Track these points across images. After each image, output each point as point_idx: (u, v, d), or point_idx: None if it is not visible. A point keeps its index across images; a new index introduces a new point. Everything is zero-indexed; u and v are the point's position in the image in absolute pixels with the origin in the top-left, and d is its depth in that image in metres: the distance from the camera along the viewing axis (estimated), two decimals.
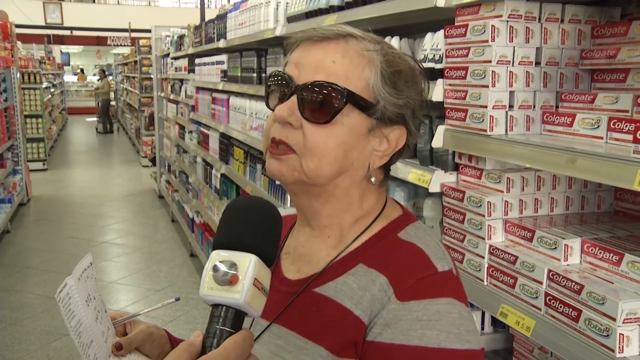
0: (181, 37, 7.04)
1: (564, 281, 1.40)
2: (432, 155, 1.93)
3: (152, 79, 10.29)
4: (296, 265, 1.04)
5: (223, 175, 4.77)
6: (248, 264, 0.78)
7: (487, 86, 1.60)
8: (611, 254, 1.41)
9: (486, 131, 1.61)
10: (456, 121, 1.73)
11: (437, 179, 1.83)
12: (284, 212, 1.12)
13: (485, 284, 1.67)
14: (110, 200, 9.07)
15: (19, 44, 10.95)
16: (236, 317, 0.78)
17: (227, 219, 0.84)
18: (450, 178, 1.85)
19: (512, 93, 1.62)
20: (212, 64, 5.07)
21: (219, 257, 0.79)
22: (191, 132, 6.23)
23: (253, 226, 0.82)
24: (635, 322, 1.26)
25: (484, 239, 1.66)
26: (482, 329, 1.92)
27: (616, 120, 1.37)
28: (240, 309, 0.78)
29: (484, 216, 1.65)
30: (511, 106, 1.63)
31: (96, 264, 0.98)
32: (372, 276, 0.92)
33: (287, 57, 0.99)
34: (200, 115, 5.63)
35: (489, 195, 1.67)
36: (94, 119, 20.46)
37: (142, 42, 12.54)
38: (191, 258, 6.19)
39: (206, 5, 9.70)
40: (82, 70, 28.72)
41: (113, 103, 21.18)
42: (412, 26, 2.38)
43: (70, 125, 21.46)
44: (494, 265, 1.64)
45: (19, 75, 9.02)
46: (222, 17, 4.78)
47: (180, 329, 4.48)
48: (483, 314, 1.89)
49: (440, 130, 1.78)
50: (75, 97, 25.97)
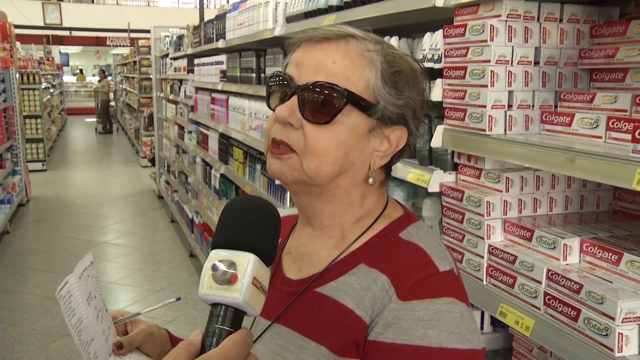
0: (180, 37, 7.04)
1: (563, 281, 1.40)
2: (431, 155, 1.93)
3: (151, 79, 10.29)
4: (297, 265, 1.04)
5: (222, 176, 4.77)
6: (247, 263, 0.78)
7: (486, 86, 1.60)
8: (610, 254, 1.41)
9: (485, 131, 1.61)
10: (455, 121, 1.73)
11: (436, 179, 1.83)
12: (284, 212, 1.13)
13: (485, 283, 1.67)
14: (110, 201, 9.07)
15: (18, 44, 10.95)
16: (235, 316, 0.78)
17: (226, 218, 0.84)
18: (449, 178, 1.85)
19: (511, 93, 1.62)
20: (211, 64, 5.07)
21: (218, 257, 0.79)
22: (190, 132, 6.23)
23: (252, 226, 0.82)
24: (634, 321, 1.26)
25: (483, 238, 1.66)
26: (482, 328, 1.92)
27: (615, 120, 1.37)
28: (240, 308, 0.78)
29: (483, 216, 1.66)
30: (510, 106, 1.63)
31: (96, 264, 0.98)
32: (374, 276, 0.92)
33: (288, 57, 0.99)
34: (199, 115, 5.63)
35: (488, 195, 1.67)
36: (93, 119, 20.46)
37: (141, 42, 12.53)
38: (191, 258, 6.19)
39: (205, 6, 9.69)
40: (81, 71, 28.69)
41: (112, 103, 21.17)
42: (411, 26, 2.38)
43: (69, 125, 21.45)
44: (493, 265, 1.64)
45: (18, 75, 9.01)
46: (221, 18, 4.78)
47: (180, 329, 4.48)
48: (482, 313, 1.89)
49: (439, 130, 1.78)
50: (75, 97, 25.94)
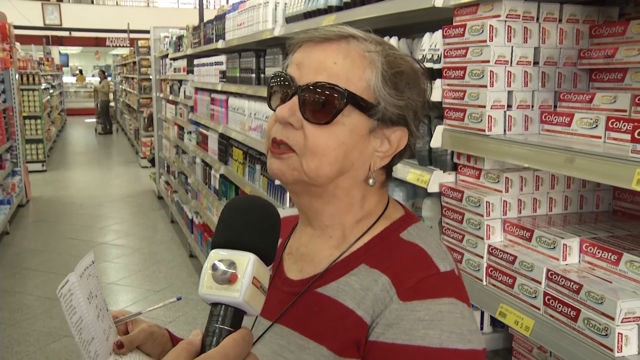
0: (180, 37, 7.04)
1: (562, 281, 1.41)
2: (430, 155, 1.93)
3: (150, 79, 10.29)
4: (298, 265, 1.04)
5: (222, 176, 4.77)
6: (247, 263, 0.78)
7: (486, 86, 1.60)
8: (610, 254, 1.41)
9: (485, 131, 1.61)
10: (455, 121, 1.73)
11: (435, 179, 1.83)
12: (285, 212, 1.13)
13: (484, 283, 1.67)
14: (109, 201, 9.06)
15: (17, 45, 10.95)
16: (235, 316, 0.78)
17: (226, 218, 0.85)
18: (449, 178, 1.86)
19: (510, 93, 1.62)
20: (211, 64, 5.07)
21: (217, 256, 0.79)
22: (190, 132, 6.23)
23: (251, 225, 0.83)
24: (633, 321, 1.26)
25: (482, 238, 1.67)
26: (481, 328, 1.93)
27: (614, 120, 1.37)
28: (240, 307, 0.78)
29: (482, 216, 1.66)
30: (509, 106, 1.63)
31: (95, 265, 0.98)
32: (375, 276, 0.92)
33: (289, 57, 1.00)
34: (199, 115, 5.63)
35: (487, 195, 1.67)
36: (93, 120, 20.46)
37: (140, 43, 12.53)
38: (190, 259, 6.19)
39: (205, 6, 9.70)
40: (81, 71, 28.69)
41: (112, 104, 21.17)
42: (411, 26, 2.38)
43: (69, 126, 21.45)
44: (493, 265, 1.64)
45: (17, 76, 9.01)
46: (220, 18, 4.78)
47: (179, 329, 4.48)
48: (482, 313, 1.89)
49: (439, 130, 1.78)
50: (74, 98, 25.94)
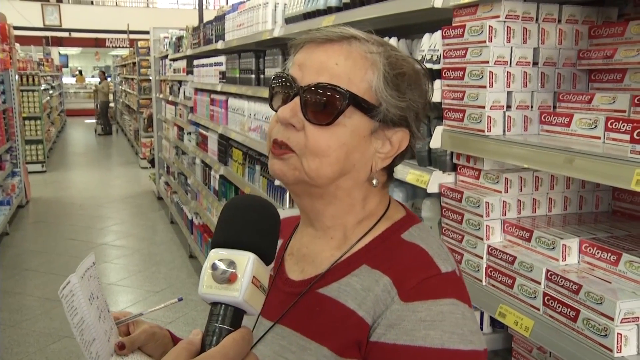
0: (179, 38, 7.04)
1: (562, 281, 1.41)
2: (430, 155, 1.93)
3: (150, 80, 10.29)
4: (300, 265, 1.04)
5: (222, 177, 4.77)
6: (246, 262, 0.78)
7: (485, 87, 1.60)
8: (609, 254, 1.41)
9: (484, 131, 1.61)
10: (454, 122, 1.73)
11: (435, 180, 1.83)
12: (286, 213, 1.13)
13: (484, 284, 1.67)
14: (109, 202, 9.06)
15: (17, 45, 10.94)
16: (235, 315, 0.78)
17: (226, 217, 0.85)
18: (448, 178, 1.86)
19: (509, 93, 1.63)
20: (211, 65, 5.07)
21: (217, 256, 0.79)
22: (190, 133, 6.23)
23: (251, 225, 0.83)
24: (633, 321, 1.26)
25: (482, 239, 1.67)
26: (481, 329, 1.92)
27: (613, 120, 1.37)
28: (239, 307, 0.78)
29: (482, 216, 1.66)
30: (509, 106, 1.63)
31: (95, 265, 0.99)
32: (376, 277, 0.92)
33: (290, 58, 1.00)
34: (198, 116, 5.63)
35: (487, 195, 1.67)
36: (93, 120, 20.45)
37: (140, 43, 12.54)
38: (190, 259, 6.18)
39: (204, 7, 9.70)
40: (81, 72, 28.70)
41: (112, 105, 21.17)
42: (410, 27, 2.38)
43: (68, 127, 21.44)
44: (493, 266, 1.64)
45: (17, 77, 9.01)
46: (220, 19, 4.79)
47: (179, 330, 4.47)
48: (482, 314, 1.89)
49: (438, 131, 1.78)
50: (74, 98, 25.92)
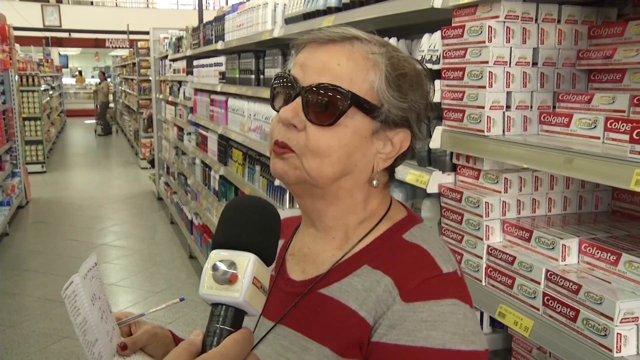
0: (179, 39, 7.04)
1: (561, 281, 1.41)
2: (430, 156, 1.93)
3: (150, 80, 10.29)
4: (301, 266, 1.04)
5: (222, 177, 4.77)
6: (247, 263, 0.78)
7: (485, 87, 1.60)
8: (609, 254, 1.41)
9: (484, 132, 1.61)
10: (454, 122, 1.73)
11: (435, 180, 1.83)
12: (288, 213, 1.13)
13: (484, 284, 1.67)
14: (109, 203, 9.06)
15: (17, 46, 10.94)
16: (236, 316, 0.78)
17: (226, 218, 0.85)
18: (448, 179, 1.86)
19: (509, 94, 1.63)
20: (210, 65, 5.07)
21: (218, 257, 0.80)
22: (190, 133, 6.23)
23: (252, 225, 0.83)
24: (632, 321, 1.26)
25: (482, 239, 1.67)
26: (481, 329, 1.92)
27: (613, 121, 1.37)
28: (240, 307, 0.78)
29: (481, 217, 1.66)
30: (508, 107, 1.63)
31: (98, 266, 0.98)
32: (377, 277, 0.92)
33: (292, 58, 1.00)
34: (198, 117, 5.64)
35: (486, 195, 1.67)
36: (93, 121, 20.45)
37: (140, 44, 12.53)
38: (190, 260, 6.19)
39: (204, 7, 9.70)
40: (81, 73, 28.70)
41: (112, 105, 21.16)
42: (410, 27, 2.38)
43: (68, 127, 21.44)
44: (492, 266, 1.65)
45: (17, 77, 9.01)
46: (220, 19, 4.79)
47: (179, 330, 4.45)
48: (482, 314, 1.89)
49: (438, 131, 1.79)
50: (74, 99, 25.91)
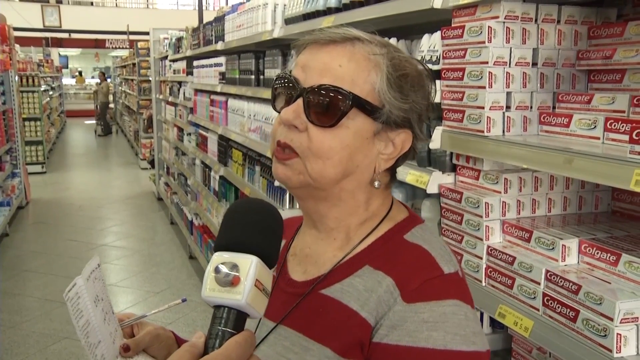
0: (179, 39, 7.04)
1: (561, 281, 1.41)
2: (429, 156, 1.94)
3: (150, 81, 10.29)
4: (302, 266, 1.04)
5: (222, 177, 4.77)
6: (249, 265, 0.78)
7: (484, 87, 1.60)
8: (609, 254, 1.41)
9: (483, 132, 1.61)
10: (453, 122, 1.73)
11: (434, 180, 1.83)
12: (289, 213, 1.13)
13: (484, 284, 1.67)
14: (109, 203, 9.06)
15: (17, 47, 10.95)
16: (238, 318, 0.78)
17: (229, 221, 0.85)
18: (448, 179, 1.86)
19: (509, 94, 1.63)
20: (210, 66, 5.08)
21: (220, 259, 0.80)
22: (190, 134, 6.23)
23: (254, 228, 0.83)
24: (632, 322, 1.26)
25: (481, 239, 1.67)
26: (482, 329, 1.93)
27: (613, 121, 1.37)
28: (242, 310, 0.78)
29: (481, 217, 1.66)
30: (508, 107, 1.63)
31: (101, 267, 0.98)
32: (378, 278, 0.92)
33: (293, 59, 1.00)
34: (198, 117, 5.64)
35: (486, 196, 1.67)
36: (93, 121, 20.45)
37: (140, 44, 12.53)
38: (190, 260, 6.19)
39: (204, 8, 9.70)
40: (81, 73, 28.69)
41: (112, 105, 21.16)
42: (409, 27, 2.38)
43: (68, 127, 21.44)
44: (492, 266, 1.65)
45: (17, 78, 9.01)
46: (220, 20, 4.79)
47: (179, 331, 4.44)
48: (481, 314, 1.89)
49: (438, 132, 1.79)
50: (74, 99, 25.91)
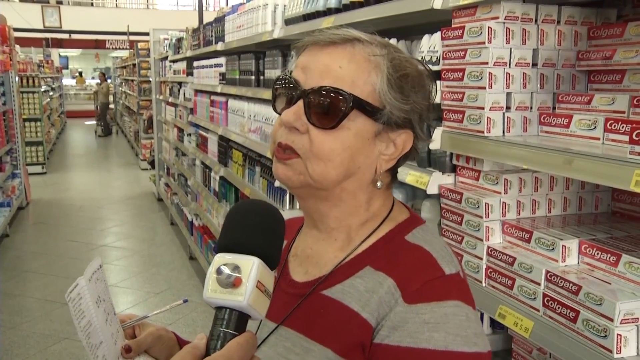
0: (179, 40, 7.05)
1: (561, 282, 1.41)
2: (429, 157, 1.94)
3: (150, 82, 10.29)
4: (304, 267, 1.04)
5: (222, 178, 4.77)
6: (251, 266, 0.78)
7: (484, 88, 1.60)
8: (609, 255, 1.41)
9: (483, 132, 1.61)
10: (453, 123, 1.73)
11: (435, 181, 1.83)
12: (290, 214, 1.13)
13: (484, 285, 1.67)
14: (109, 204, 9.06)
15: (17, 47, 10.95)
16: (240, 320, 0.78)
17: (230, 222, 0.85)
18: (448, 180, 1.86)
19: (509, 94, 1.63)
20: (211, 66, 5.08)
21: (222, 260, 0.80)
22: (190, 134, 6.23)
23: (256, 229, 0.83)
24: (632, 322, 1.26)
25: (481, 240, 1.67)
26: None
27: (613, 121, 1.37)
28: (244, 311, 0.78)
29: (481, 217, 1.66)
30: (508, 107, 1.63)
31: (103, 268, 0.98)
32: (380, 279, 0.92)
33: (293, 60, 1.00)
34: (198, 118, 5.64)
35: (486, 196, 1.67)
36: (93, 122, 20.45)
37: (140, 45, 12.53)
38: (190, 261, 6.18)
39: (204, 8, 9.70)
40: (81, 74, 28.70)
41: (112, 106, 21.16)
42: (410, 28, 2.38)
43: (68, 128, 21.45)
44: (492, 267, 1.65)
45: (17, 78, 9.01)
46: (220, 20, 4.79)
47: (179, 331, 4.42)
48: (482, 315, 1.89)
49: (438, 132, 1.79)
50: (74, 100, 25.89)
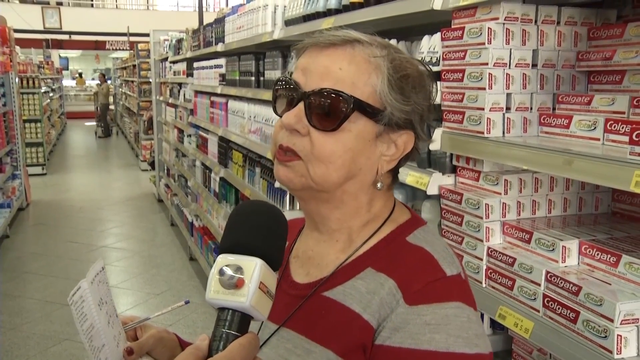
0: (179, 41, 7.05)
1: (561, 283, 1.41)
2: (429, 157, 1.94)
3: (150, 82, 10.30)
4: (305, 268, 1.04)
5: (222, 179, 4.77)
6: (254, 267, 0.78)
7: (484, 88, 1.60)
8: (609, 255, 1.41)
9: (483, 133, 1.61)
10: (453, 123, 1.73)
11: (435, 182, 1.83)
12: (291, 215, 1.13)
13: (484, 286, 1.67)
14: (109, 205, 9.06)
15: (17, 48, 10.96)
16: (242, 321, 0.78)
17: (233, 223, 0.85)
18: (448, 180, 1.86)
19: (509, 95, 1.63)
20: (211, 67, 5.08)
21: (225, 261, 0.80)
22: (190, 135, 6.23)
23: (259, 230, 0.83)
24: (632, 323, 1.26)
25: (482, 241, 1.67)
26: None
27: (613, 122, 1.37)
28: (246, 312, 0.78)
29: (481, 218, 1.66)
30: (508, 108, 1.63)
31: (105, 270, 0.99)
32: (381, 280, 0.92)
33: (294, 62, 1.00)
34: (199, 119, 5.64)
35: (486, 197, 1.67)
36: (93, 123, 20.46)
37: (140, 46, 12.54)
38: (190, 262, 6.18)
39: (204, 9, 9.70)
40: (81, 75, 28.70)
41: (112, 107, 21.17)
42: (410, 29, 2.38)
43: (69, 129, 21.45)
44: (492, 267, 1.64)
45: (17, 80, 9.01)
46: (220, 21, 4.79)
47: (180, 333, 4.40)
48: (482, 316, 1.89)
49: (438, 133, 1.79)
50: (74, 101, 25.90)
